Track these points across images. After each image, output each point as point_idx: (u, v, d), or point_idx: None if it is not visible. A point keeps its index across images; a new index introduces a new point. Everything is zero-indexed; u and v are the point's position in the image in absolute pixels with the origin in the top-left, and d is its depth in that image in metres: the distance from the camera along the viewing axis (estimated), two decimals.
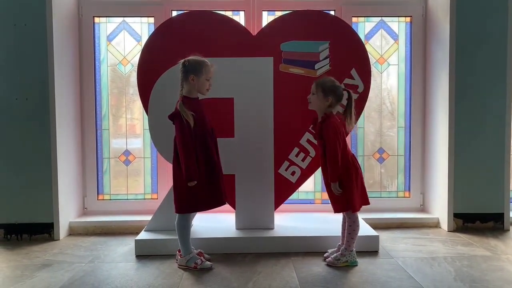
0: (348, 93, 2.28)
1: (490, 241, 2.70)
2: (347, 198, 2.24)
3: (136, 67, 2.84)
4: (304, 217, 2.96)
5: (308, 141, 2.84)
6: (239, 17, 3.13)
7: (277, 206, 2.75)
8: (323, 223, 2.77)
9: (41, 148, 2.79)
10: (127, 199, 3.20)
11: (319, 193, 3.21)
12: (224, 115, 2.59)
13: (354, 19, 3.16)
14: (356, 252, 2.32)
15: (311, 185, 3.21)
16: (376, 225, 2.90)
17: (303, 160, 2.86)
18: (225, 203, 2.33)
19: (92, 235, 2.93)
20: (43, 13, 2.75)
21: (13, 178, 2.81)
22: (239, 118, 2.61)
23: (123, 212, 3.13)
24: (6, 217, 2.82)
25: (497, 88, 2.91)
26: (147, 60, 2.80)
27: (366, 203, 2.33)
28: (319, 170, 2.39)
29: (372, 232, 2.59)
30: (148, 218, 2.70)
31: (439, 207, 3.03)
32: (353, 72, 2.84)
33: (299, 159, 2.86)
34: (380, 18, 3.19)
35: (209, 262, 2.30)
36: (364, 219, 2.83)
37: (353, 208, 2.24)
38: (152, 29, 3.04)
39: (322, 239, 2.52)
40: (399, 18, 3.19)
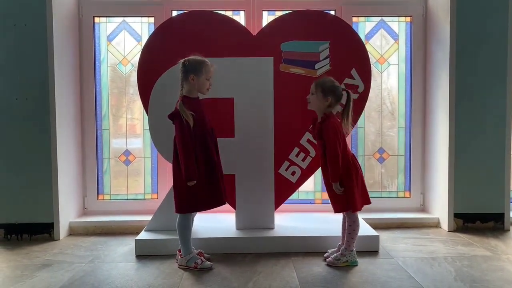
0: (347, 94, 2.28)
1: (490, 241, 2.70)
2: (347, 198, 2.23)
3: (136, 67, 2.84)
4: (304, 217, 2.96)
5: (308, 141, 2.84)
6: (239, 17, 3.13)
7: (277, 206, 2.75)
8: (323, 223, 2.77)
9: (41, 148, 2.79)
10: (127, 199, 3.20)
11: (319, 193, 3.21)
12: (224, 115, 2.59)
13: (354, 19, 3.15)
14: (356, 252, 2.32)
15: (311, 185, 3.20)
16: (376, 225, 2.90)
17: (303, 160, 2.85)
18: (225, 203, 2.33)
19: (92, 235, 2.93)
20: (43, 13, 2.75)
21: (13, 178, 2.81)
22: (239, 118, 2.61)
23: (123, 212, 3.13)
24: (6, 217, 2.83)
25: (498, 88, 2.91)
26: (147, 60, 2.80)
27: (367, 202, 2.32)
28: (319, 170, 2.39)
29: (372, 232, 2.59)
30: (148, 218, 2.70)
31: (440, 207, 3.03)
32: (353, 72, 2.84)
33: (299, 159, 2.86)
34: (380, 18, 3.19)
35: (209, 262, 2.30)
36: (364, 219, 2.83)
37: (353, 208, 2.24)
38: (152, 29, 3.03)
39: (322, 239, 2.52)
40: (399, 18, 3.19)
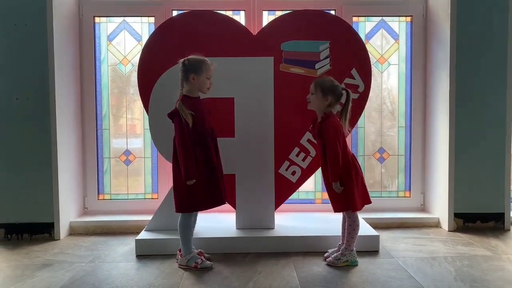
0: (347, 93, 2.28)
1: (490, 241, 2.70)
2: (347, 198, 2.23)
3: (137, 67, 2.84)
4: (304, 217, 2.96)
5: (309, 140, 2.84)
6: (240, 17, 3.13)
7: (277, 206, 2.75)
8: (324, 223, 2.77)
9: (42, 148, 2.79)
10: (127, 199, 3.20)
11: (320, 193, 3.21)
12: (224, 115, 2.59)
13: (354, 19, 3.15)
14: (356, 251, 2.32)
15: (311, 185, 3.20)
16: (376, 225, 2.89)
17: (303, 160, 2.85)
18: (224, 203, 2.33)
19: (92, 234, 2.93)
20: (43, 13, 2.75)
21: (13, 178, 2.81)
22: (240, 118, 2.61)
23: (123, 212, 3.13)
24: (6, 217, 2.83)
25: (498, 88, 2.90)
26: (148, 59, 2.80)
27: (368, 202, 2.32)
28: (319, 170, 2.39)
29: (372, 232, 2.59)
30: (149, 218, 2.70)
31: (440, 207, 3.03)
32: (354, 72, 2.84)
33: (299, 159, 2.85)
34: (380, 18, 3.19)
35: (210, 262, 2.30)
36: (364, 218, 2.83)
37: (353, 207, 2.24)
38: (153, 29, 3.03)
39: (322, 238, 2.52)
40: (400, 17, 3.19)
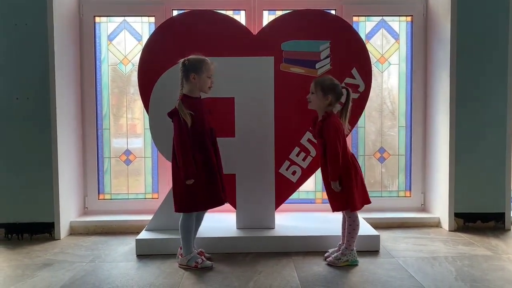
0: (347, 91, 2.27)
1: (491, 241, 2.70)
2: (346, 197, 2.23)
3: (137, 67, 2.84)
4: (304, 216, 2.96)
5: (309, 140, 2.84)
6: (240, 17, 3.12)
7: (277, 205, 2.75)
8: (324, 223, 2.77)
9: (42, 147, 2.79)
10: (127, 198, 3.20)
11: (320, 193, 3.21)
12: (224, 114, 2.59)
13: (355, 19, 3.15)
14: (357, 251, 2.32)
15: (311, 185, 3.20)
16: (377, 224, 2.89)
17: (303, 159, 2.85)
18: (224, 203, 2.31)
19: (93, 234, 2.93)
20: (44, 12, 2.75)
21: (13, 178, 2.81)
22: (240, 118, 2.61)
23: (123, 212, 3.13)
24: (6, 217, 2.83)
25: (498, 87, 2.90)
26: (148, 59, 2.80)
27: (367, 202, 2.32)
28: (319, 169, 2.39)
29: (373, 231, 2.59)
30: (149, 217, 2.70)
31: (440, 207, 3.03)
32: (354, 72, 2.84)
33: (299, 159, 2.85)
34: (381, 18, 3.18)
35: (210, 262, 2.30)
36: (365, 218, 2.83)
37: (352, 207, 2.24)
38: (153, 29, 3.03)
39: (322, 238, 2.52)
40: (400, 17, 3.19)
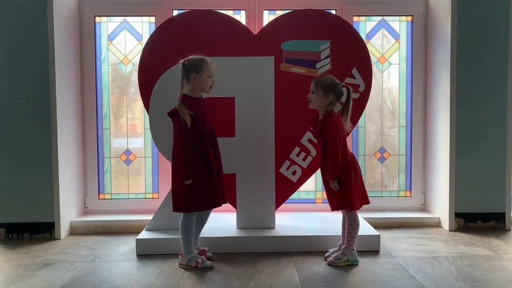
0: (348, 90, 2.27)
1: (491, 241, 2.69)
2: (346, 197, 2.23)
3: (137, 67, 2.84)
4: (305, 216, 2.96)
5: (309, 140, 2.84)
6: (240, 17, 3.12)
7: (278, 205, 2.75)
8: (324, 223, 2.77)
9: (42, 147, 2.79)
10: (128, 198, 3.20)
11: (320, 193, 3.21)
12: (225, 114, 2.59)
13: (355, 19, 3.15)
14: (357, 251, 2.32)
15: (312, 185, 3.20)
16: (377, 224, 2.89)
17: (304, 159, 2.85)
18: (222, 204, 2.30)
19: (93, 234, 2.93)
20: (44, 12, 2.75)
21: (13, 178, 2.81)
22: (240, 118, 2.61)
23: (124, 212, 3.13)
24: (7, 217, 2.83)
25: (499, 87, 2.90)
26: (148, 59, 2.79)
27: (366, 202, 2.32)
28: (319, 169, 2.39)
29: (373, 231, 2.59)
30: (149, 217, 2.70)
31: (441, 207, 3.02)
32: (354, 72, 2.84)
33: (300, 159, 2.85)
34: (381, 18, 3.18)
35: (210, 262, 2.30)
36: (365, 218, 2.83)
37: (351, 206, 2.24)
38: (153, 29, 3.03)
39: (323, 238, 2.51)
40: (400, 17, 3.19)
